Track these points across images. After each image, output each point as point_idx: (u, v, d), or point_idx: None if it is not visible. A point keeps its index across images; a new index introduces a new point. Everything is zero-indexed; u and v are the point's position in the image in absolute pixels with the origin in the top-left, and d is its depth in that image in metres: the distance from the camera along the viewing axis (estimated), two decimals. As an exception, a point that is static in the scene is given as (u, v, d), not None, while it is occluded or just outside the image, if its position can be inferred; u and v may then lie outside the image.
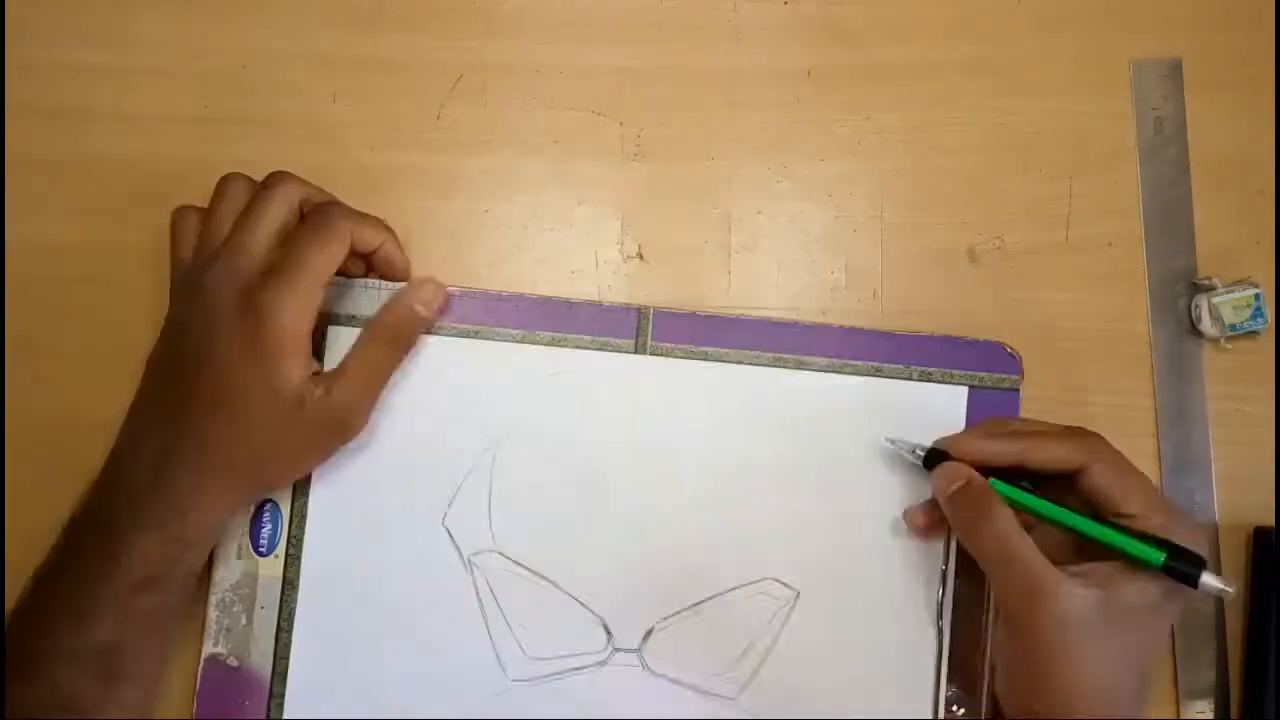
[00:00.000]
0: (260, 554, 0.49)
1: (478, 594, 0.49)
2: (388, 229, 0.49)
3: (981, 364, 0.51)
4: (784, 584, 0.50)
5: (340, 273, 0.49)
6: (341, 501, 0.49)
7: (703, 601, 0.50)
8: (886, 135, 0.53)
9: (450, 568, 0.49)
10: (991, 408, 0.51)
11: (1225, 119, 0.53)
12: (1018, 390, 0.51)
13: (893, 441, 0.49)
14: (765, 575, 0.50)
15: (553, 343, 0.50)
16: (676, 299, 0.52)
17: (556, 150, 0.53)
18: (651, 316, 0.51)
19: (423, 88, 0.53)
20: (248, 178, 0.48)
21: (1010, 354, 0.51)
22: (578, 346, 0.50)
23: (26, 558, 0.47)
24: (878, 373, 0.50)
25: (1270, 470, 0.52)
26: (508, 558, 0.49)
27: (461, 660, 0.49)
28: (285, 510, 0.49)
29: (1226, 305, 0.51)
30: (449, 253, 0.52)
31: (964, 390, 0.51)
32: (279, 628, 0.49)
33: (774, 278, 0.52)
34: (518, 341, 0.50)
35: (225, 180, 0.48)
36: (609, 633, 0.49)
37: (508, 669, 0.49)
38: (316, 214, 0.47)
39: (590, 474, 0.50)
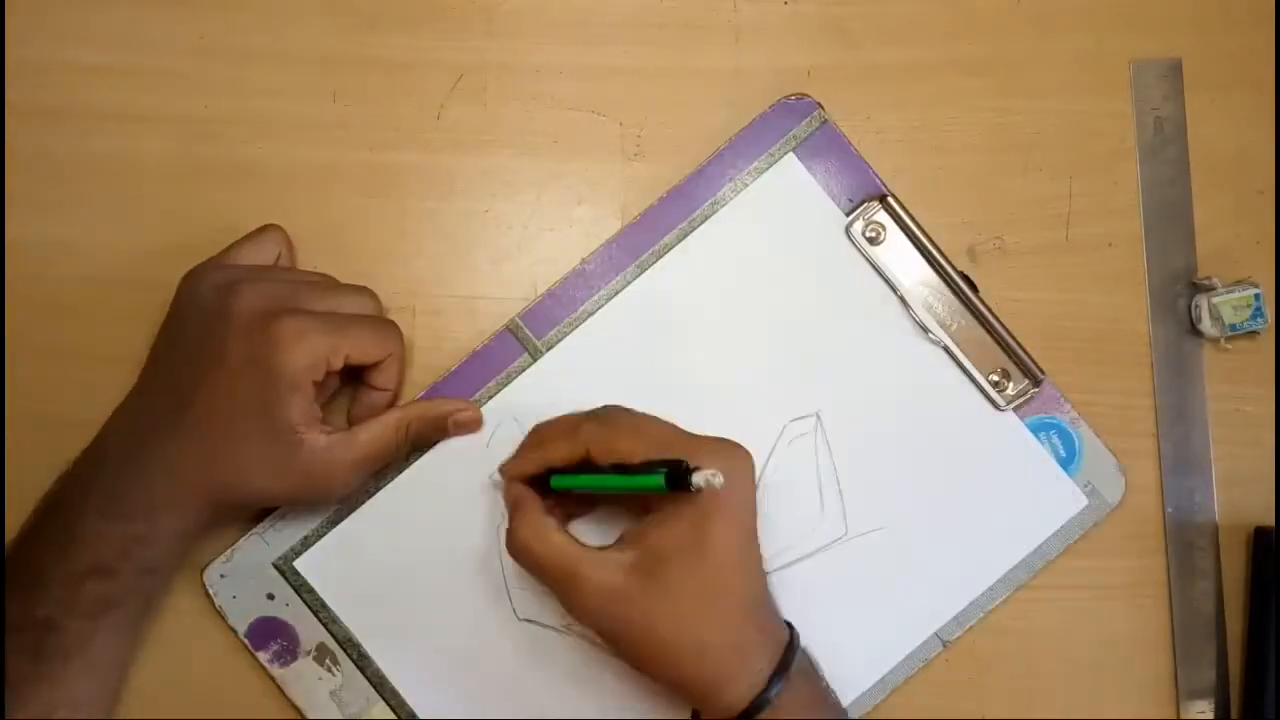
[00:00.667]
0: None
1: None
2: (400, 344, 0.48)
3: (788, 126, 0.51)
4: (799, 417, 0.50)
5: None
6: (433, 678, 0.49)
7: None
8: (886, 135, 0.53)
9: (556, 644, 0.49)
10: (822, 152, 0.51)
11: (1225, 119, 0.53)
12: (821, 108, 0.51)
13: (493, 478, 0.49)
14: (781, 423, 0.50)
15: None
16: (676, 299, 0.52)
17: (556, 150, 0.53)
18: (522, 322, 0.51)
19: (423, 88, 0.53)
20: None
21: (797, 99, 0.51)
22: (490, 396, 0.50)
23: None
24: (718, 205, 0.51)
25: (1270, 470, 0.52)
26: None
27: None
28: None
29: (1226, 305, 0.51)
30: (449, 253, 0.52)
31: (791, 157, 0.51)
32: None
33: (774, 278, 0.52)
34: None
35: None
36: None
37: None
38: (379, 318, 0.48)
39: None
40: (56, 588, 0.43)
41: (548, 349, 0.50)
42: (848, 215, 0.51)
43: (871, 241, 0.51)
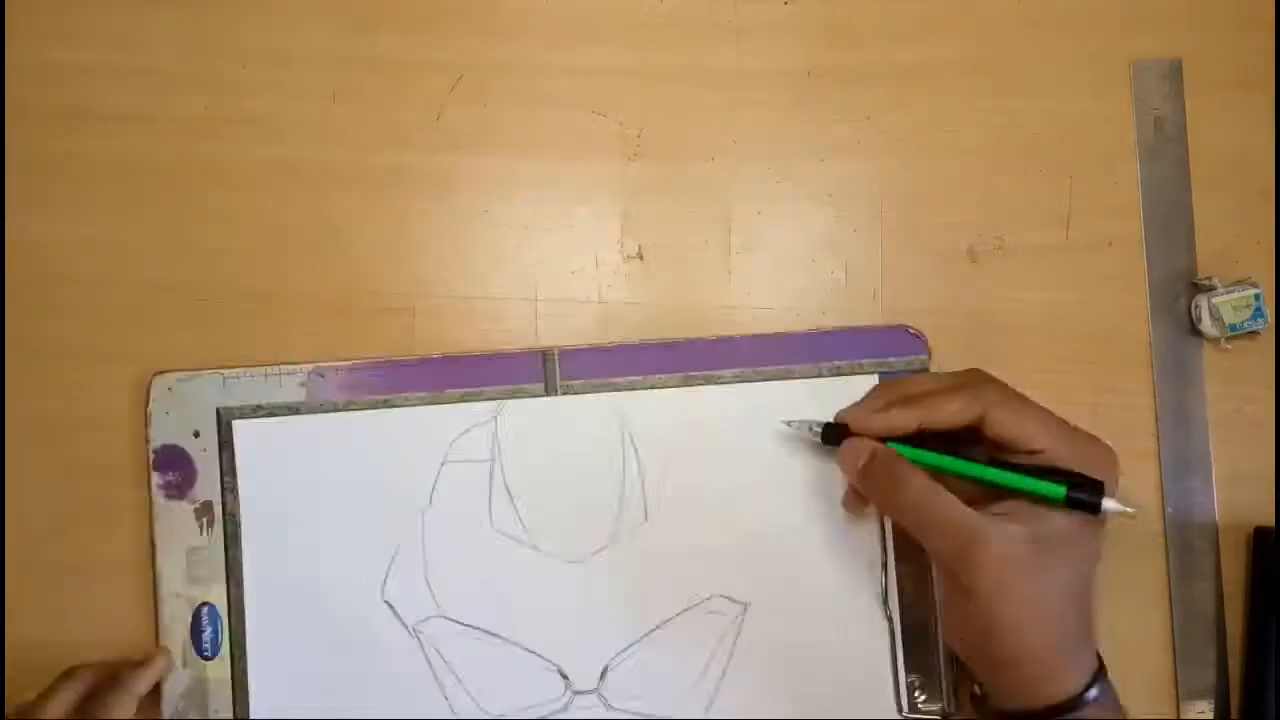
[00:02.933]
0: (205, 658, 0.49)
1: (428, 661, 0.49)
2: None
3: (889, 349, 0.51)
4: (730, 599, 0.50)
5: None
6: (279, 592, 0.49)
7: (653, 630, 0.49)
8: (886, 135, 0.53)
9: (398, 640, 0.49)
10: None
11: (1225, 119, 0.53)
12: (927, 370, 0.51)
13: (789, 423, 0.49)
14: (711, 593, 0.50)
15: (463, 399, 0.50)
16: (676, 299, 0.52)
17: (556, 150, 0.53)
18: (558, 357, 0.50)
19: (423, 88, 0.53)
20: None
21: (914, 335, 0.51)
22: (489, 398, 0.50)
23: (26, 557, 0.47)
24: (789, 375, 0.50)
25: (1270, 470, 0.52)
26: (453, 620, 0.49)
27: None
28: (223, 609, 0.49)
29: (1226, 305, 0.51)
30: (449, 253, 0.52)
31: (875, 379, 0.51)
32: None
33: (774, 278, 0.52)
34: (428, 404, 0.50)
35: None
36: (565, 677, 0.49)
37: None
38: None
39: (521, 521, 0.50)
40: None
41: (563, 393, 0.50)
42: None
43: None
